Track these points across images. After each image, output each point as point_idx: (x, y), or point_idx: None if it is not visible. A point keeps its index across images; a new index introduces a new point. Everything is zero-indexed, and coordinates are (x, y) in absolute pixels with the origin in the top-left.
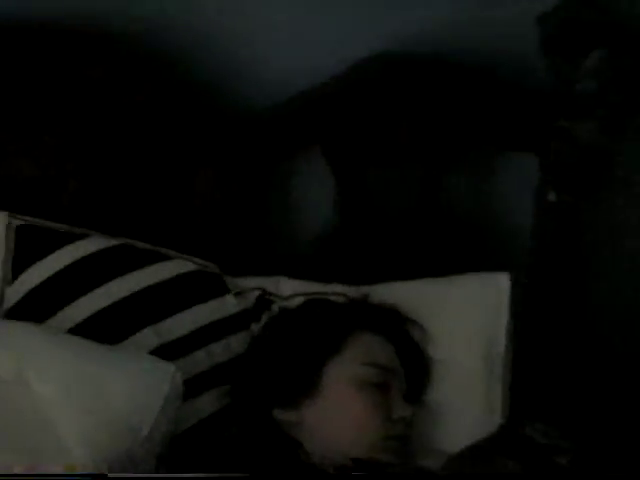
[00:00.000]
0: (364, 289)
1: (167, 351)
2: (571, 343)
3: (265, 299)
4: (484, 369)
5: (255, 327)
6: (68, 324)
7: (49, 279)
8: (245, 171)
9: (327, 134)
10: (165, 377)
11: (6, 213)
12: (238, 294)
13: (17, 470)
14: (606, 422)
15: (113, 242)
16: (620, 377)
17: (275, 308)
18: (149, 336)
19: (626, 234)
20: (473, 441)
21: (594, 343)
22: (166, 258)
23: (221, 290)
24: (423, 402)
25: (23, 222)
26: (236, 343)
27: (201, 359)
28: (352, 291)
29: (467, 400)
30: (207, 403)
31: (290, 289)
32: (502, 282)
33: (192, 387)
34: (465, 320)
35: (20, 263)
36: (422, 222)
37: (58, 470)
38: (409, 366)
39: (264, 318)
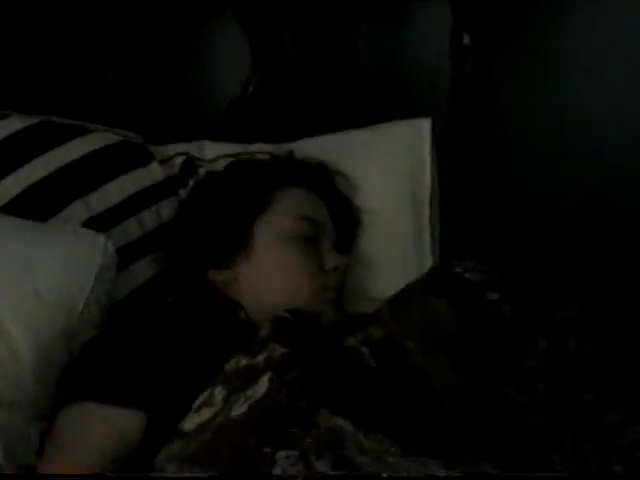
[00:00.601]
0: (288, 146)
1: (98, 223)
2: (491, 183)
3: (191, 164)
4: (411, 215)
5: (183, 192)
6: None
7: None
8: (160, 41)
9: None
10: (97, 248)
11: None
12: (164, 161)
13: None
14: (533, 257)
15: (33, 120)
16: (538, 214)
17: (201, 172)
18: (79, 209)
19: (539, 74)
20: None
21: (511, 182)
22: (89, 132)
23: (146, 158)
24: (355, 252)
25: None
26: (165, 209)
27: (132, 228)
28: (276, 149)
29: (397, 246)
30: (141, 271)
31: (215, 152)
32: (424, 128)
33: (125, 256)
34: (390, 168)
35: None
36: (341, 76)
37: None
38: (338, 217)
39: (191, 183)
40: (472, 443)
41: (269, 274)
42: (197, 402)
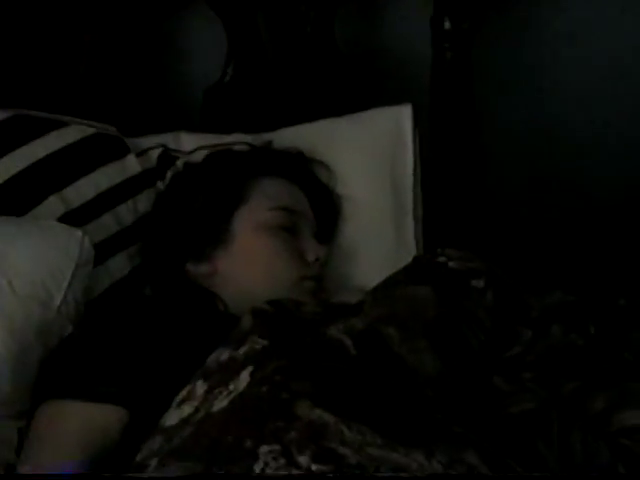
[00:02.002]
0: (267, 136)
1: (74, 217)
2: (472, 168)
3: (167, 156)
4: (393, 203)
5: (160, 185)
6: None
7: None
8: (134, 30)
9: None
10: (74, 243)
11: None
12: (140, 154)
13: None
14: (517, 242)
15: (6, 114)
16: (520, 197)
17: (179, 164)
18: (54, 204)
19: (520, 57)
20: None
21: (492, 165)
22: (63, 125)
23: (122, 151)
24: (336, 241)
25: None
26: (142, 203)
27: (109, 222)
28: (254, 139)
29: (379, 235)
30: (119, 265)
31: (192, 143)
32: (404, 114)
33: (102, 251)
34: (371, 155)
35: None
36: (319, 63)
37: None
38: (318, 207)
39: (168, 175)
40: (455, 432)
41: (248, 265)
42: (178, 397)
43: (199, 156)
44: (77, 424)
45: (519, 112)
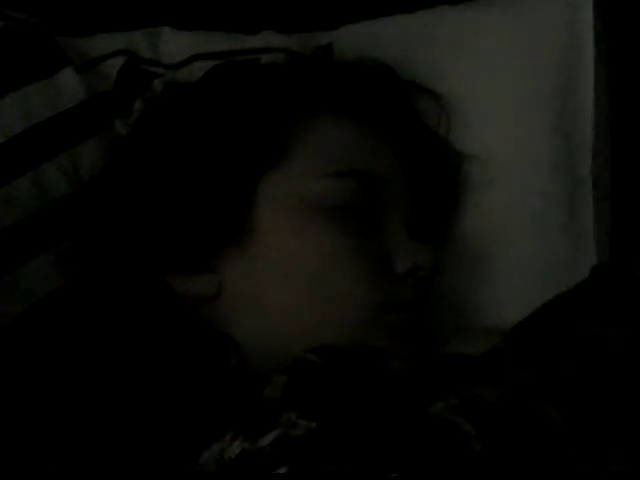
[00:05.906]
0: (322, 37)
1: None
2: None
3: (137, 70)
4: (560, 164)
5: (121, 125)
6: None
7: None
8: None
9: None
10: None
11: None
12: (86, 66)
13: None
14: None
15: None
16: None
17: (157, 86)
18: None
19: None
20: (544, 301)
21: None
22: None
23: (54, 62)
24: (452, 239)
25: None
26: (88, 158)
27: (24, 192)
28: (298, 43)
29: (534, 226)
30: (39, 277)
31: (181, 49)
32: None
33: (12, 248)
34: (518, 75)
35: None
36: None
37: None
38: (418, 174)
39: (138, 106)
40: None
41: (282, 279)
42: None
43: (194, 72)
44: None
45: None
